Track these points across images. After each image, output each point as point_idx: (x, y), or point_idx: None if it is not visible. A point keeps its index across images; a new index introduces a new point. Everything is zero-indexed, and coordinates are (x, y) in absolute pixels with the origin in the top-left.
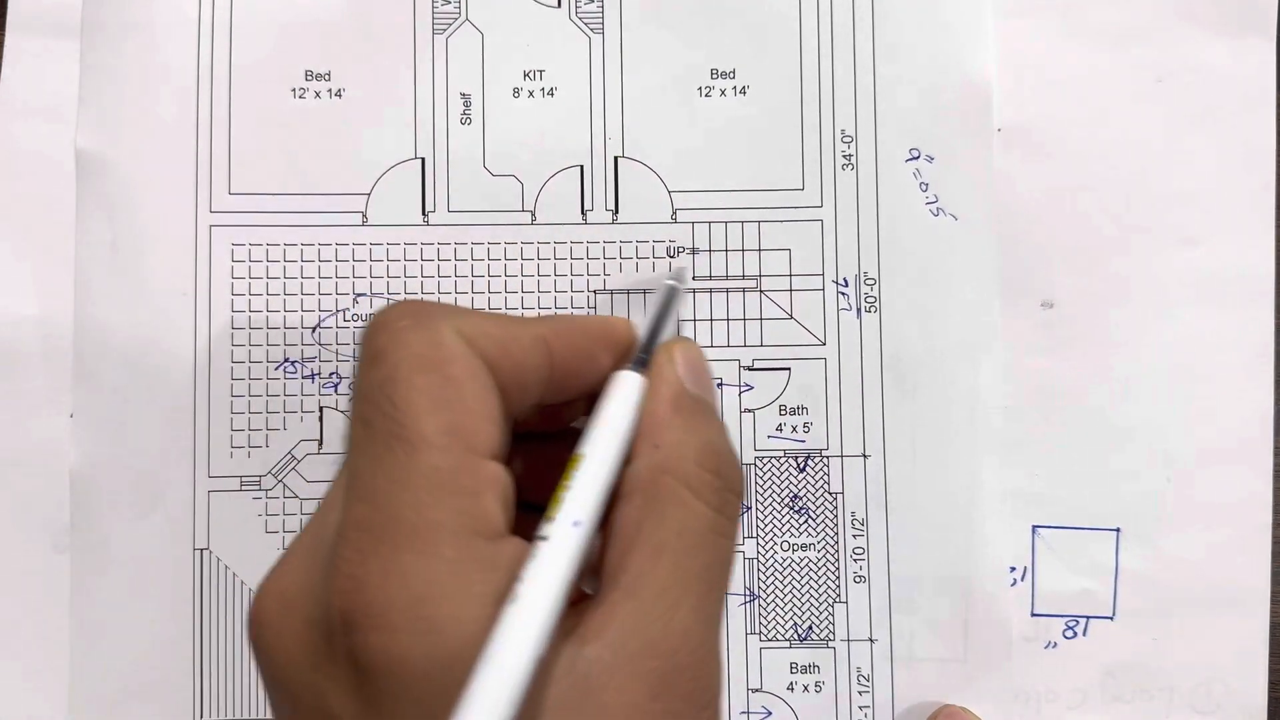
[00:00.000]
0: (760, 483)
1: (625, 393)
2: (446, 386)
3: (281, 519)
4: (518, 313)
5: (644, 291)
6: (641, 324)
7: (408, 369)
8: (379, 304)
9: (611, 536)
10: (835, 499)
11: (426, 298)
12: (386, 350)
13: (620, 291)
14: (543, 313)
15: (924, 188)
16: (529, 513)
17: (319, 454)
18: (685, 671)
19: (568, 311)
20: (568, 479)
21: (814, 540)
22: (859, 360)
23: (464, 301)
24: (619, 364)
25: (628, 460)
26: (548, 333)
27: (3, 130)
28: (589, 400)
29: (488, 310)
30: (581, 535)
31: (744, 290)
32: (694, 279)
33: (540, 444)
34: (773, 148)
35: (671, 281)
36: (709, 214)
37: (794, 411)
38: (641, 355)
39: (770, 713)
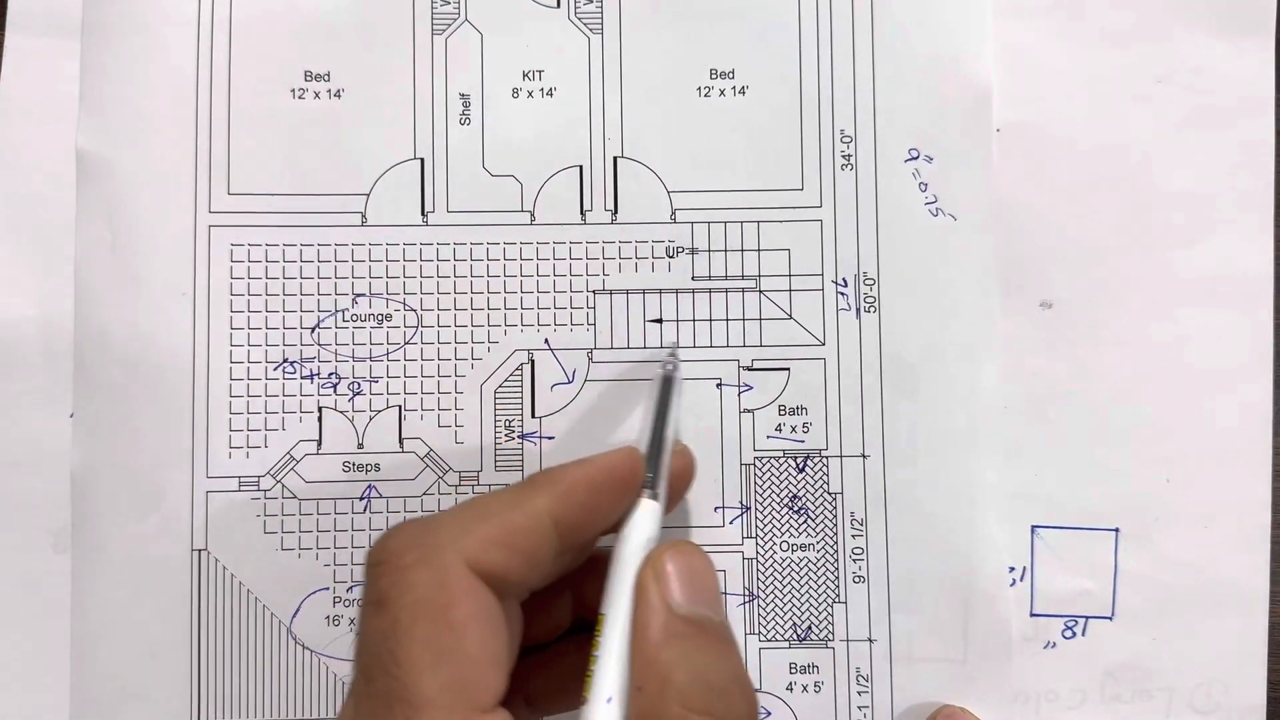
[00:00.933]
0: (759, 483)
1: (636, 543)
2: (449, 635)
3: (280, 519)
4: (517, 314)
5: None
6: (643, 426)
7: (409, 619)
8: (378, 304)
9: None
10: (835, 499)
11: (426, 298)
12: (389, 596)
13: (620, 292)
14: (542, 313)
15: (923, 188)
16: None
17: (317, 454)
18: None
19: (567, 308)
20: (595, 647)
21: (813, 540)
22: (858, 360)
23: (463, 302)
24: (632, 494)
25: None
26: (554, 507)
27: (3, 130)
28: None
29: (489, 496)
30: (617, 711)
31: (743, 290)
32: (683, 356)
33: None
34: (772, 148)
35: (668, 368)
36: (708, 214)
37: (793, 412)
38: (649, 476)
39: (770, 713)
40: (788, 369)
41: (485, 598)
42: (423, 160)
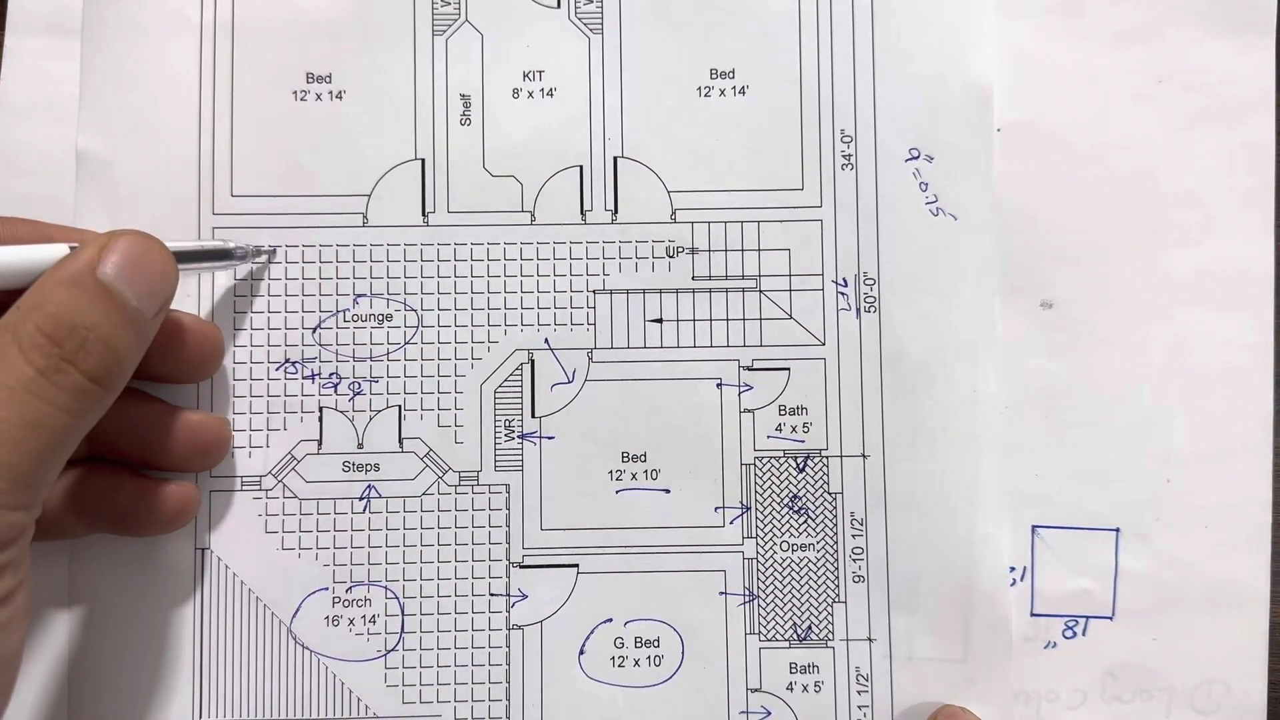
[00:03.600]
0: (760, 483)
1: (37, 251)
2: None
3: (281, 519)
4: (517, 313)
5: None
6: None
7: None
8: (379, 304)
9: None
10: (835, 499)
11: (426, 298)
12: None
13: (620, 291)
14: (543, 314)
15: (924, 188)
16: None
17: (319, 454)
18: None
19: (567, 308)
20: None
21: (813, 540)
22: (858, 360)
23: (464, 302)
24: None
25: None
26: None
27: (3, 130)
28: None
29: None
30: None
31: (743, 290)
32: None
33: None
34: (772, 147)
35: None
36: (708, 214)
37: (793, 412)
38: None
39: (770, 713)
40: (788, 369)
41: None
42: (423, 161)
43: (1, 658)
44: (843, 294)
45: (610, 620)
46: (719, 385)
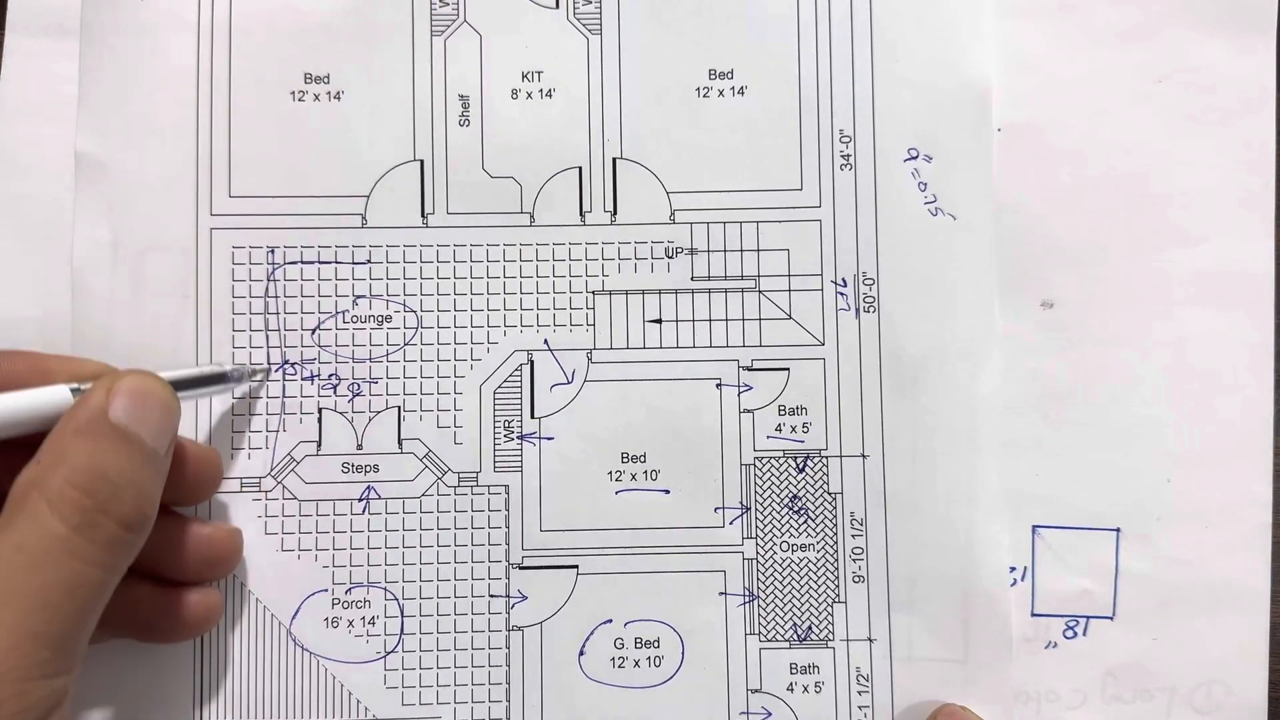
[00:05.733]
0: (759, 483)
1: (41, 396)
2: None
3: (280, 520)
4: (516, 314)
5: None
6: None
7: None
8: (378, 305)
9: None
10: (834, 499)
11: (425, 300)
12: None
13: (619, 292)
14: (541, 314)
15: (923, 188)
16: None
17: (318, 455)
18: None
19: (566, 309)
20: None
21: (813, 540)
22: (858, 360)
23: (463, 303)
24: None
25: None
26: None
27: (2, 130)
28: None
29: None
30: None
31: (742, 290)
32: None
33: None
34: (771, 148)
35: (243, 374)
36: (707, 214)
37: (793, 412)
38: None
39: (770, 713)
40: (787, 369)
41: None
42: (422, 162)
43: None
44: (842, 294)
45: (610, 621)
46: (718, 385)
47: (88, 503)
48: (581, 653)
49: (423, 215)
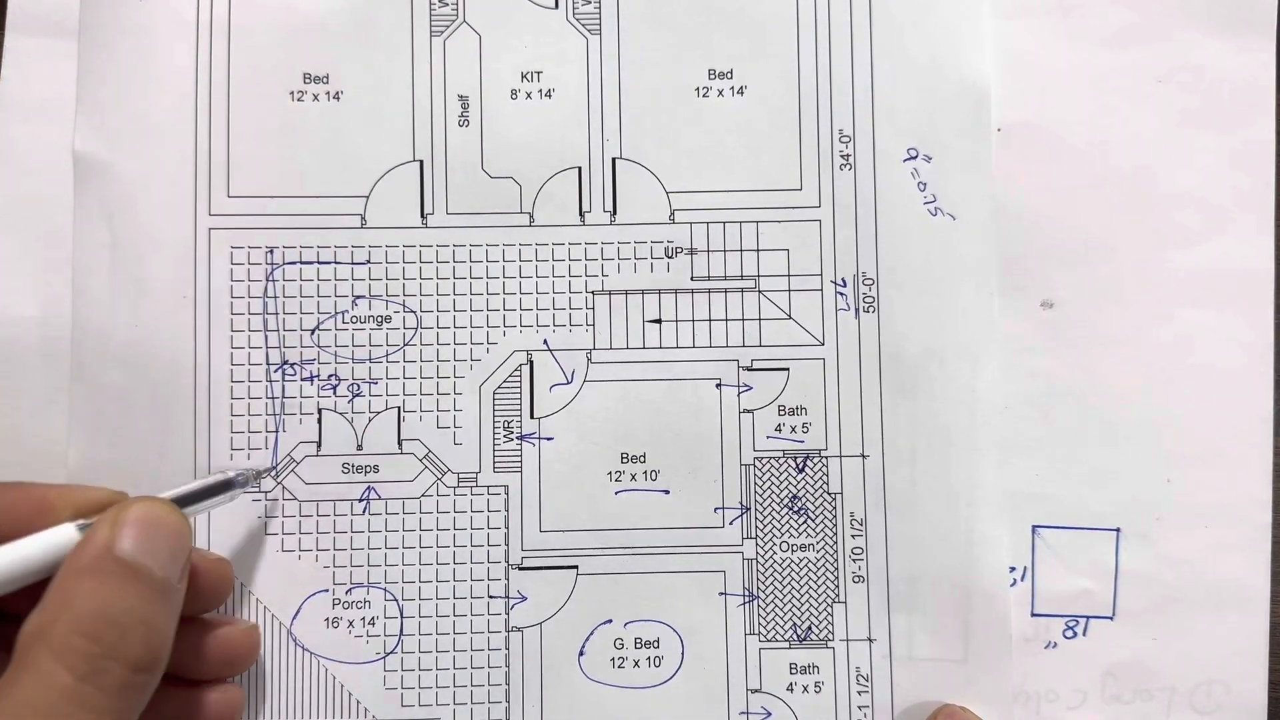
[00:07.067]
0: (759, 483)
1: (45, 539)
2: None
3: (280, 520)
4: (516, 315)
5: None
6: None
7: None
8: (377, 306)
9: None
10: (834, 499)
11: (425, 300)
12: None
13: (619, 292)
14: (540, 314)
15: (922, 187)
16: None
17: (318, 456)
18: None
19: (566, 309)
20: None
21: (813, 540)
22: (857, 360)
23: (462, 303)
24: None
25: None
26: None
27: (2, 130)
28: None
29: None
30: None
31: (742, 290)
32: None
33: None
34: (771, 148)
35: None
36: (707, 214)
37: (793, 412)
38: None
39: (770, 713)
40: (787, 369)
41: None
42: (422, 162)
43: None
44: (841, 294)
45: (610, 621)
46: (718, 385)
47: (94, 649)
48: (581, 653)
49: (422, 215)
